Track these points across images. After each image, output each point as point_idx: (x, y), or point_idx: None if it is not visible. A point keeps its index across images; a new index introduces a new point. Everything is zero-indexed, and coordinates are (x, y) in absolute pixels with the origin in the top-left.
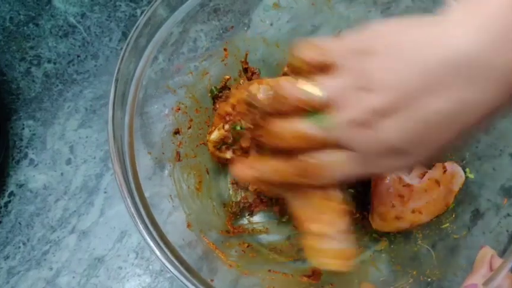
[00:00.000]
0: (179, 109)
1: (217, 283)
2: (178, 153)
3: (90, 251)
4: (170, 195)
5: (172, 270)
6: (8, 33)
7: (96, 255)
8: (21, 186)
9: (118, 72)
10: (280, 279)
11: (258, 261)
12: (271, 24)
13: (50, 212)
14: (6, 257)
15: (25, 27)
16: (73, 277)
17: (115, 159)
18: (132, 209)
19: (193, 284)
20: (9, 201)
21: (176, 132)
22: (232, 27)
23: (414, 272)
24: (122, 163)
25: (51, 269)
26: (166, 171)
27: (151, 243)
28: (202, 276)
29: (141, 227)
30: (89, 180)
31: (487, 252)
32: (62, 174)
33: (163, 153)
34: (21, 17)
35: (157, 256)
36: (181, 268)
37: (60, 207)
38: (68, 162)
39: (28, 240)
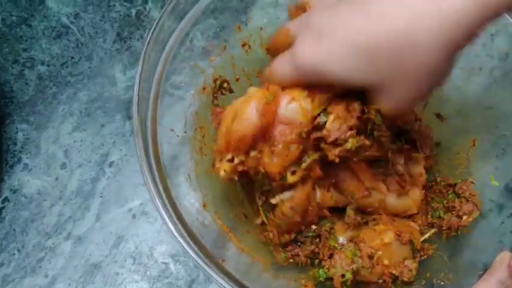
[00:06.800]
0: (204, 89)
1: (227, 265)
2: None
3: (86, 257)
4: (189, 175)
5: (187, 249)
6: (0, 34)
7: (92, 261)
8: (15, 191)
9: (145, 53)
10: (292, 266)
11: (270, 248)
12: (269, 22)
13: (45, 218)
14: (1, 265)
15: (17, 29)
16: (69, 284)
17: (137, 133)
18: (151, 184)
19: (206, 264)
20: (3, 207)
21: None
22: (229, 25)
23: (428, 274)
24: (144, 139)
25: (46, 276)
26: (187, 151)
27: (170, 224)
28: (214, 256)
29: (160, 205)
30: (85, 185)
31: (505, 256)
32: (56, 178)
33: (185, 132)
34: (14, 18)
35: (172, 233)
36: (196, 248)
37: (55, 213)
38: (63, 166)
39: (23, 247)
